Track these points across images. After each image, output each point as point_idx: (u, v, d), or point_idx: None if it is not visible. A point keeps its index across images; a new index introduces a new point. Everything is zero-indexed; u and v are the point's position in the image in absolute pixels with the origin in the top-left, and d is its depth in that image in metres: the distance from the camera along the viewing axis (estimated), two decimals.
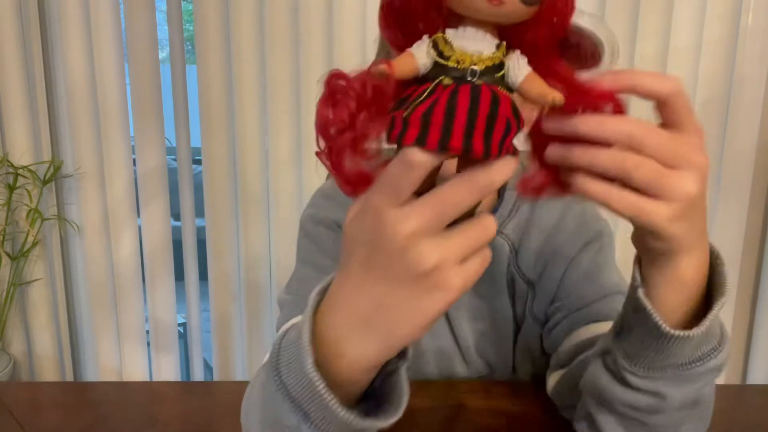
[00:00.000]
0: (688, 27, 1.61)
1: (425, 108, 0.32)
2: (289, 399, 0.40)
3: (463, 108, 0.31)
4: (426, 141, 0.31)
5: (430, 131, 0.31)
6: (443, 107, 0.31)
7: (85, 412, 0.74)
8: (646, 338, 0.47)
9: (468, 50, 0.33)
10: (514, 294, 0.77)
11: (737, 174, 1.67)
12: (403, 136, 0.32)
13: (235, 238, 1.77)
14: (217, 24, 1.65)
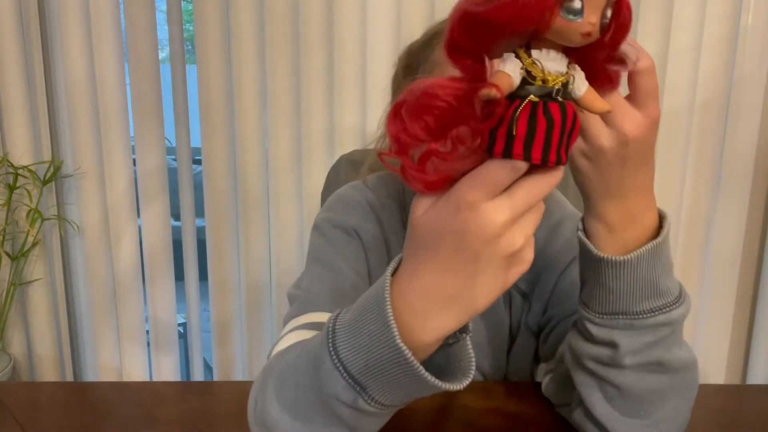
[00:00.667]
0: (688, 27, 1.61)
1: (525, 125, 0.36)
2: (347, 375, 0.45)
3: (558, 125, 0.37)
4: (531, 156, 0.37)
5: (533, 147, 0.37)
6: (543, 126, 0.36)
7: (85, 412, 0.74)
8: (589, 275, 0.56)
9: (552, 71, 0.37)
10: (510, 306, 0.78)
11: (737, 174, 1.67)
12: (511, 151, 0.37)
13: (235, 238, 1.77)
14: (217, 24, 1.65)
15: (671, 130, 1.66)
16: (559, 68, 0.37)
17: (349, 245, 0.76)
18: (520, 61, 0.37)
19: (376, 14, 1.61)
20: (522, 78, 0.37)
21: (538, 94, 0.37)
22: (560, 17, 0.35)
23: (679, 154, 1.68)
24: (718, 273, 1.72)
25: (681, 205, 1.70)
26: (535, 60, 0.37)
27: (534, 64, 0.37)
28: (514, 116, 0.36)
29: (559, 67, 0.37)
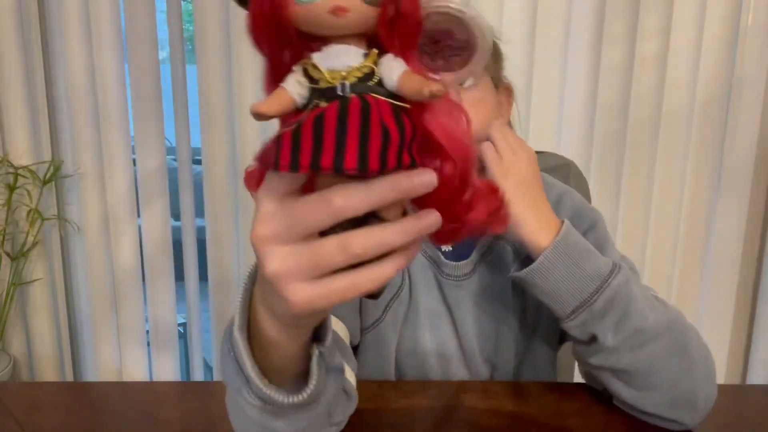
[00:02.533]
0: (688, 27, 1.61)
1: (293, 129, 0.31)
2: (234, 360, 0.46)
3: (331, 123, 0.30)
4: (299, 164, 0.31)
5: (301, 153, 0.30)
6: (310, 125, 0.31)
7: (85, 412, 0.74)
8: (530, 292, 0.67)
9: (337, 68, 0.32)
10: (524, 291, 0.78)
11: (737, 174, 1.67)
12: (278, 161, 0.31)
13: (235, 238, 1.77)
14: (217, 24, 1.65)
15: (671, 130, 1.66)
16: (348, 62, 0.32)
17: None
18: (301, 69, 0.33)
19: None
20: (308, 88, 0.32)
21: (326, 97, 0.32)
22: (295, 4, 0.31)
23: (679, 154, 1.68)
24: (718, 273, 1.72)
25: (681, 205, 1.70)
26: (312, 62, 0.32)
27: (313, 67, 0.32)
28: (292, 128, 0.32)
29: (349, 60, 0.32)
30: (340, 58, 0.32)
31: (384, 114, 0.31)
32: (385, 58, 0.32)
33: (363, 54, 0.32)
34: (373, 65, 0.32)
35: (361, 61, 0.32)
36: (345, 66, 0.32)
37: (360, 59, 0.32)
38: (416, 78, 0.32)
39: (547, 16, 1.63)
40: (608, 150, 1.68)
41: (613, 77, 1.64)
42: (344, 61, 0.32)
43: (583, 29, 1.64)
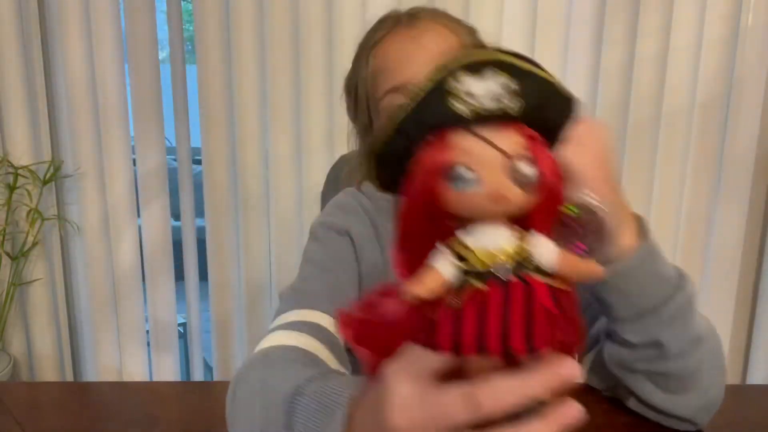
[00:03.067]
0: (688, 27, 1.61)
1: (454, 313, 0.31)
2: None
3: (496, 307, 0.31)
4: (462, 345, 0.31)
5: (464, 337, 0.31)
6: (474, 308, 0.31)
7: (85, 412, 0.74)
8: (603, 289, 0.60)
9: (489, 248, 0.32)
10: None
11: (737, 174, 1.67)
12: (437, 341, 0.31)
13: (235, 238, 1.77)
14: (217, 24, 1.65)
15: (671, 130, 1.66)
16: (500, 243, 0.32)
17: (341, 245, 0.77)
18: (449, 248, 0.33)
19: (376, 14, 1.61)
20: (459, 268, 0.32)
21: (480, 278, 0.31)
22: (452, 191, 0.31)
23: (679, 154, 1.68)
24: (718, 273, 1.72)
25: (681, 205, 1.70)
26: (463, 242, 0.32)
27: (463, 246, 0.32)
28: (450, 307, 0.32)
29: (499, 241, 0.32)
30: (491, 237, 0.32)
31: (544, 296, 0.31)
32: (536, 238, 0.33)
33: (512, 234, 0.33)
34: (526, 246, 0.32)
35: (513, 243, 0.32)
36: (497, 247, 0.32)
37: (511, 240, 0.32)
38: (575, 260, 0.33)
39: (547, 16, 1.63)
40: None
41: (613, 77, 1.64)
42: (496, 241, 0.32)
43: (583, 29, 1.64)
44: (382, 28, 0.75)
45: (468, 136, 0.31)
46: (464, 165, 0.31)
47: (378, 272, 0.79)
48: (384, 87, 0.72)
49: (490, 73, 0.31)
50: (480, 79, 0.31)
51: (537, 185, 0.32)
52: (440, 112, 0.31)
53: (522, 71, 0.32)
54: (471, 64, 0.31)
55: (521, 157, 0.31)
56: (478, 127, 0.31)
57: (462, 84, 0.31)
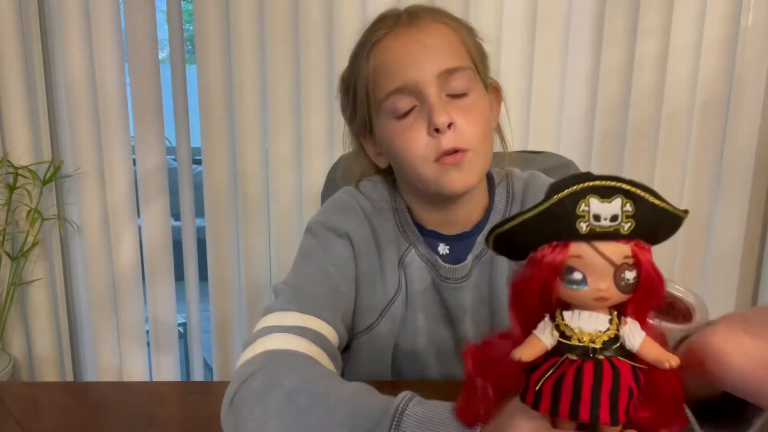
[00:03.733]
0: (688, 27, 1.61)
1: (554, 381, 0.39)
2: None
3: (588, 382, 0.38)
4: (558, 411, 0.39)
5: (560, 403, 0.39)
6: (570, 382, 0.38)
7: (85, 412, 0.74)
8: None
9: (585, 329, 0.40)
10: None
11: (737, 173, 1.67)
12: (538, 405, 0.40)
13: (235, 238, 1.77)
14: (217, 24, 1.65)
15: (671, 129, 1.66)
16: (596, 326, 0.40)
17: (340, 248, 0.77)
18: (552, 323, 0.40)
19: (376, 14, 1.61)
20: (558, 341, 0.40)
21: (577, 353, 0.39)
22: (564, 287, 0.39)
23: (679, 154, 1.68)
24: (718, 272, 1.72)
25: (681, 205, 1.69)
26: (566, 321, 0.40)
27: (566, 325, 0.40)
28: (546, 373, 0.40)
29: (596, 325, 0.40)
30: (589, 321, 0.40)
31: (627, 375, 0.39)
32: (627, 325, 0.40)
33: (608, 320, 0.40)
34: (617, 331, 0.40)
35: (608, 327, 0.40)
36: (594, 329, 0.40)
37: (606, 325, 0.40)
38: (657, 348, 0.40)
39: (547, 16, 1.63)
40: (608, 150, 1.68)
41: (613, 77, 1.64)
42: (593, 325, 0.40)
43: (583, 29, 1.64)
44: (382, 27, 0.74)
45: (585, 246, 0.38)
46: (577, 269, 0.38)
47: (375, 274, 0.78)
48: (387, 87, 0.71)
49: (617, 200, 0.38)
50: (608, 204, 0.38)
51: (635, 287, 0.39)
52: (567, 228, 0.38)
53: (638, 197, 0.39)
54: (602, 190, 0.38)
55: (624, 265, 0.38)
56: (594, 240, 0.38)
57: (590, 207, 0.38)
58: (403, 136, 0.71)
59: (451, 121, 0.69)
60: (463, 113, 0.70)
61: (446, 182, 0.70)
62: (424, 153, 0.70)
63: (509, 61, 1.63)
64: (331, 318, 0.70)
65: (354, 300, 0.77)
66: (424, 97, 0.70)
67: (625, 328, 0.40)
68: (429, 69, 0.70)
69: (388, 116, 0.73)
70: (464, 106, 0.71)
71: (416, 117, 0.71)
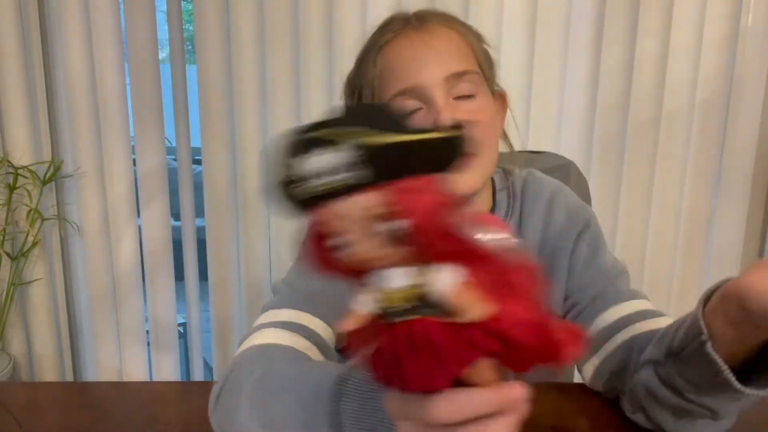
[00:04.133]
0: (688, 27, 1.61)
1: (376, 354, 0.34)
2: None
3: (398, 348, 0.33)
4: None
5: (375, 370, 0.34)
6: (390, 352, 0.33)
7: (85, 412, 0.74)
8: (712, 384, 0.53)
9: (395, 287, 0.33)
10: None
11: (737, 173, 1.67)
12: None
13: (235, 238, 1.77)
14: (217, 24, 1.65)
15: (671, 129, 1.66)
16: (404, 282, 0.33)
17: None
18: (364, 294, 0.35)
19: (376, 14, 1.61)
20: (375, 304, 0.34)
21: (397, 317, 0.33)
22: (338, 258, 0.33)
23: (679, 154, 1.68)
24: (718, 273, 1.72)
25: (681, 205, 1.70)
26: (375, 286, 0.34)
27: (377, 290, 0.34)
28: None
29: (404, 280, 0.33)
30: (399, 278, 0.34)
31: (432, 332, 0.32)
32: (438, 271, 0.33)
33: (417, 272, 0.33)
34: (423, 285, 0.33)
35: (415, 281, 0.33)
36: (401, 286, 0.33)
37: (412, 279, 0.33)
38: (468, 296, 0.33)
39: (547, 16, 1.63)
40: (608, 150, 1.68)
41: (613, 77, 1.64)
42: (401, 281, 0.33)
43: (583, 29, 1.64)
44: (390, 29, 0.74)
45: (326, 210, 0.32)
46: (335, 234, 0.32)
47: None
48: (393, 88, 0.71)
49: (316, 155, 0.32)
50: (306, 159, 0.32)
51: (410, 236, 0.32)
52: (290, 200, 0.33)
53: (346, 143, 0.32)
54: (294, 147, 0.32)
55: (377, 217, 0.32)
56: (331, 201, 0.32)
57: (290, 170, 0.32)
58: None
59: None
60: (469, 116, 0.70)
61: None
62: None
63: (509, 61, 1.63)
64: (326, 315, 0.70)
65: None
66: (430, 100, 0.69)
67: (435, 276, 0.33)
68: (436, 72, 0.69)
69: None
70: (470, 109, 0.70)
71: (421, 120, 0.70)
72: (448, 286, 0.33)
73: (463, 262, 0.33)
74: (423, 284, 0.33)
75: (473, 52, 0.73)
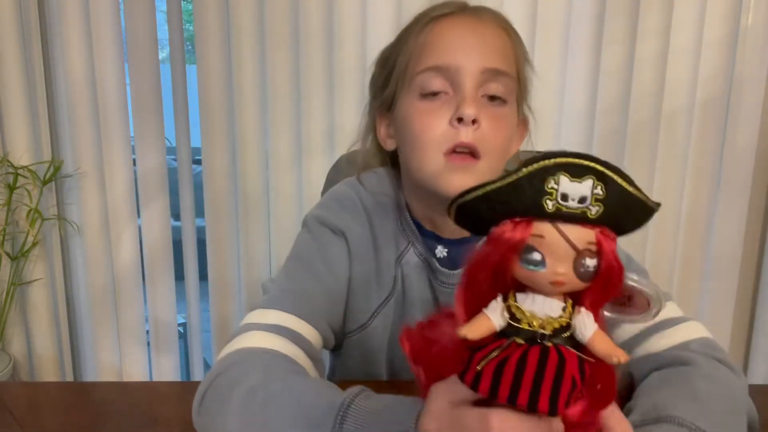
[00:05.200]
0: (688, 27, 1.61)
1: (497, 363, 0.37)
2: None
3: (532, 368, 0.37)
4: (497, 394, 0.37)
5: (500, 386, 0.37)
6: (513, 366, 0.37)
7: (85, 412, 0.74)
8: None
9: (537, 314, 0.38)
10: None
11: (737, 174, 1.67)
12: (478, 386, 0.38)
13: (235, 238, 1.77)
14: (217, 24, 1.65)
15: (671, 130, 1.66)
16: (549, 312, 0.38)
17: (334, 246, 0.75)
18: (504, 304, 0.39)
19: (376, 14, 1.61)
20: (508, 322, 0.38)
21: (525, 337, 0.38)
22: (520, 267, 0.37)
23: (679, 154, 1.68)
24: (718, 273, 1.72)
25: (681, 205, 1.70)
26: (518, 303, 0.38)
27: (517, 307, 0.38)
28: (491, 354, 0.38)
29: (549, 310, 0.38)
30: (543, 306, 0.38)
31: (573, 366, 0.37)
32: (581, 314, 0.38)
33: (562, 307, 0.38)
34: (569, 319, 0.38)
35: (560, 314, 0.38)
36: (546, 314, 0.38)
37: (559, 311, 0.38)
38: (607, 342, 0.38)
39: (547, 16, 1.63)
40: (608, 150, 1.68)
41: (613, 77, 1.64)
42: (546, 310, 0.38)
43: (583, 29, 1.64)
44: (444, 8, 0.72)
45: (548, 226, 0.37)
46: (537, 249, 0.37)
47: (369, 275, 0.76)
48: (427, 62, 0.69)
49: (586, 180, 0.36)
50: (578, 184, 0.36)
51: (594, 276, 0.37)
52: (532, 205, 0.36)
53: (610, 180, 0.36)
54: (574, 168, 0.36)
55: (587, 252, 0.37)
56: (558, 221, 0.37)
57: (560, 185, 0.36)
58: (424, 118, 0.68)
59: (478, 118, 0.66)
60: (491, 119, 0.67)
61: (446, 180, 0.67)
62: (438, 140, 0.67)
63: None
64: (315, 319, 0.69)
65: (346, 300, 0.76)
66: (459, 86, 0.67)
67: (578, 318, 0.38)
68: (476, 60, 0.67)
69: (415, 92, 0.69)
70: (495, 113, 0.68)
71: (443, 103, 0.68)
72: (592, 329, 0.38)
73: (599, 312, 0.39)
74: (568, 319, 0.38)
75: (516, 61, 0.72)
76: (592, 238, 0.37)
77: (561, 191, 0.36)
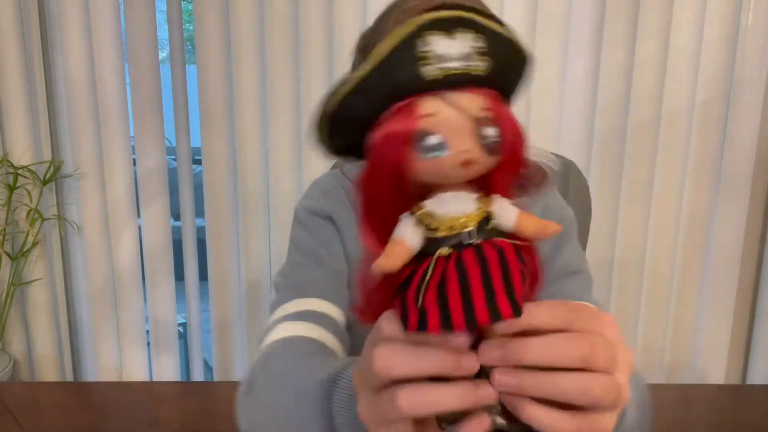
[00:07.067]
0: (688, 27, 1.61)
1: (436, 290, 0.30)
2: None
3: (476, 275, 0.30)
4: (451, 324, 0.30)
5: (452, 312, 0.30)
6: (456, 282, 0.30)
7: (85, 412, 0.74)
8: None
9: (452, 213, 0.32)
10: None
11: (737, 174, 1.67)
12: (426, 325, 0.30)
13: (235, 238, 1.77)
14: (217, 24, 1.65)
15: (671, 130, 1.66)
16: (464, 208, 0.32)
17: (326, 231, 0.77)
18: (413, 217, 0.32)
19: (376, 14, 1.61)
20: (425, 237, 0.31)
21: (450, 245, 0.31)
22: (420, 159, 0.30)
23: (679, 154, 1.68)
24: (718, 273, 1.72)
25: (681, 205, 1.70)
26: (428, 209, 0.32)
27: (429, 215, 0.32)
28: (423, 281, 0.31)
29: (464, 207, 0.32)
30: (456, 204, 0.32)
31: (513, 256, 0.31)
32: (497, 200, 0.33)
33: (475, 198, 0.32)
34: (487, 209, 0.32)
35: (477, 206, 0.32)
36: (462, 212, 0.32)
37: (474, 204, 0.32)
38: (535, 219, 0.32)
39: (547, 16, 1.63)
40: (608, 150, 1.68)
41: (613, 77, 1.64)
42: (461, 207, 0.32)
43: (583, 29, 1.64)
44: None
45: (436, 101, 0.30)
46: (433, 132, 0.30)
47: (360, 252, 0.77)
48: None
49: (460, 34, 0.30)
50: (451, 39, 0.30)
51: (499, 147, 0.31)
52: (409, 77, 0.30)
53: (488, 30, 0.31)
54: (442, 22, 0.30)
55: (485, 120, 0.31)
56: (445, 91, 0.30)
57: (432, 46, 0.30)
58: None
59: None
60: None
61: None
62: None
63: None
64: (332, 296, 0.71)
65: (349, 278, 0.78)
66: None
67: (495, 205, 0.32)
68: None
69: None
70: None
71: None
72: (514, 211, 0.32)
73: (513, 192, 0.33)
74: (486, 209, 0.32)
75: None
76: (485, 104, 0.31)
77: (436, 53, 0.30)
